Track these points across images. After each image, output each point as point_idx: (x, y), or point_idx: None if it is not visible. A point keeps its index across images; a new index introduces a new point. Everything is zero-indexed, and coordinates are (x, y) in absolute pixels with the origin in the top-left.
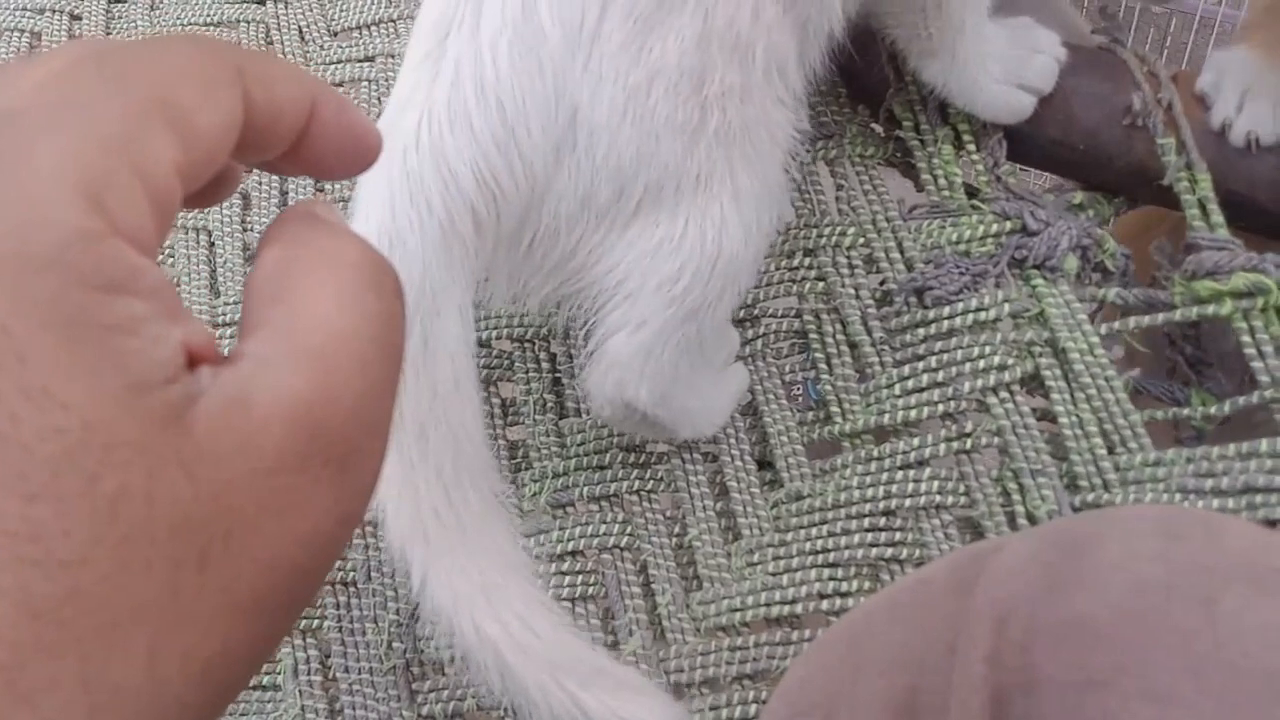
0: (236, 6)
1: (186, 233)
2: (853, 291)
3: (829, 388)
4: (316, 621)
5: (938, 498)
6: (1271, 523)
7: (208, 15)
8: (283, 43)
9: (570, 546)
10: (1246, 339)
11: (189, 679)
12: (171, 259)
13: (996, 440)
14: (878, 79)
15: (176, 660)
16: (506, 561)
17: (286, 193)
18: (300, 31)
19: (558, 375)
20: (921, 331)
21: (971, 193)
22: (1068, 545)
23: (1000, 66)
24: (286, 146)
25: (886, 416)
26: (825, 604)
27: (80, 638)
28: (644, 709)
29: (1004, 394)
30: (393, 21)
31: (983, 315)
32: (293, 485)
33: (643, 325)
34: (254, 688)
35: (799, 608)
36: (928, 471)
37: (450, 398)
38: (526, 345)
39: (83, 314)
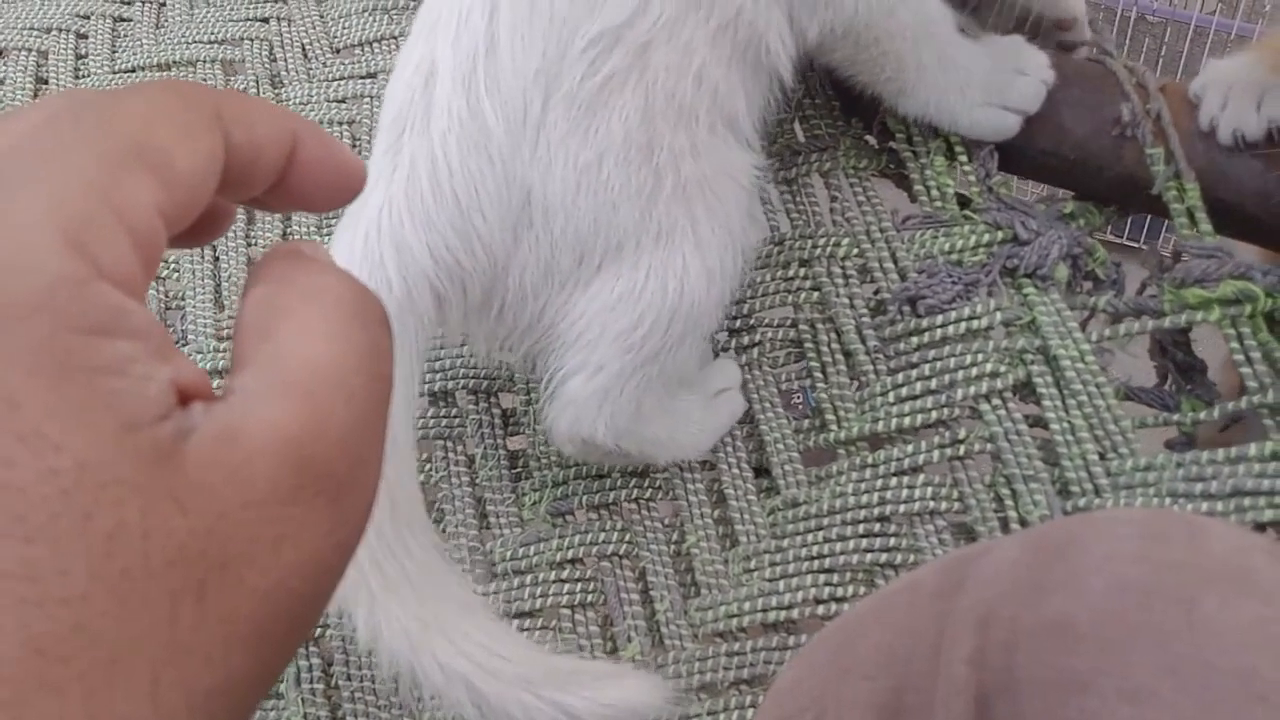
0: (240, 24)
1: (191, 248)
2: (847, 301)
3: (824, 396)
4: (319, 630)
5: (931, 503)
6: (1260, 526)
7: (212, 33)
8: (286, 60)
9: (570, 554)
10: (1235, 345)
11: (193, 709)
12: (176, 274)
13: (989, 446)
14: (871, 92)
15: (180, 691)
16: (459, 601)
17: None
18: (303, 49)
19: None
20: (915, 340)
21: (964, 203)
22: (1051, 548)
23: (981, 90)
24: (270, 183)
25: (881, 424)
26: (821, 609)
27: (83, 673)
28: (626, 689)
29: (996, 401)
30: (394, 38)
31: (975, 323)
32: (286, 516)
33: (600, 369)
34: None
35: (795, 613)
36: (922, 478)
37: (389, 459)
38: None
39: (71, 357)
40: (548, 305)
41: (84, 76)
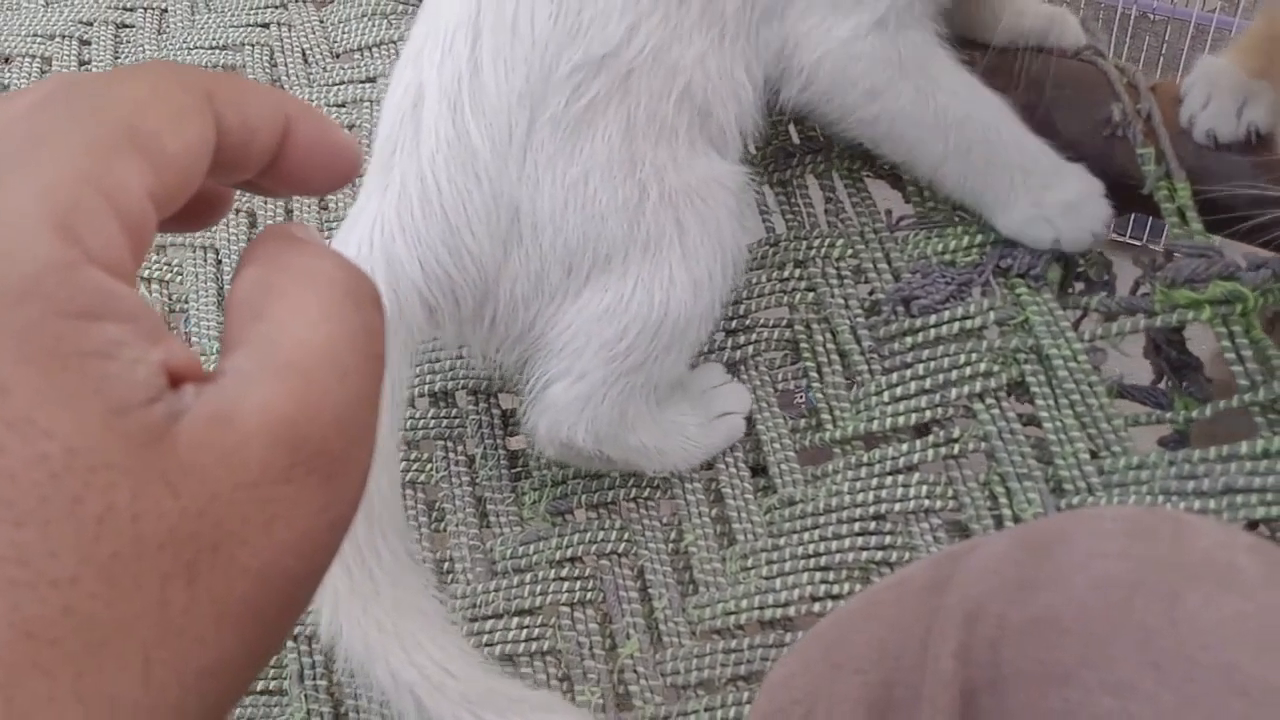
0: (241, 30)
1: (194, 251)
2: (842, 301)
3: (820, 395)
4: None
5: (926, 502)
6: (1253, 524)
7: (213, 39)
8: (286, 65)
9: (569, 553)
10: (1226, 344)
11: (186, 689)
12: (180, 276)
13: (983, 445)
14: None
15: (172, 671)
16: (420, 610)
17: (291, 211)
18: (303, 54)
19: None
20: (909, 340)
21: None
22: (1038, 545)
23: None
24: (263, 165)
25: (876, 423)
26: (817, 606)
27: (73, 655)
28: None
29: (990, 400)
30: (393, 43)
31: (968, 323)
32: (278, 496)
33: (583, 377)
34: (260, 692)
35: (792, 610)
36: (916, 476)
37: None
38: None
39: (60, 342)
40: (538, 316)
41: None
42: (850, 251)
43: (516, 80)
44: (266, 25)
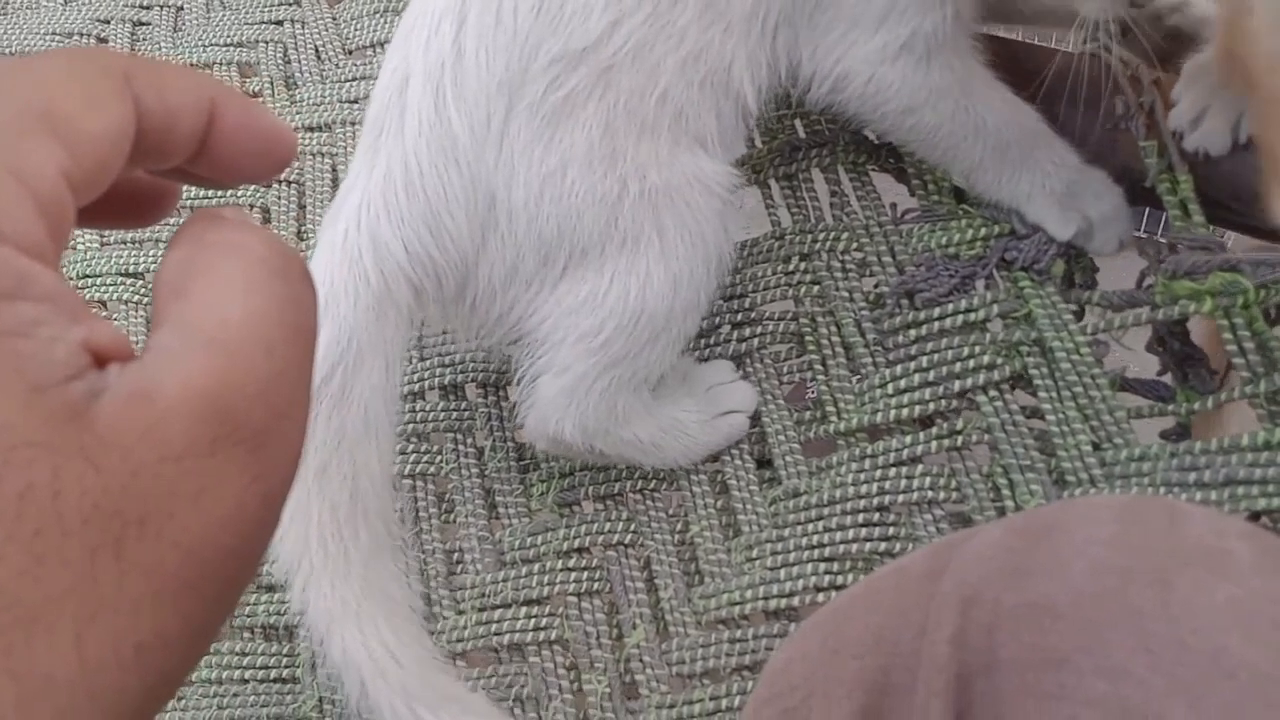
0: (255, 27)
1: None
2: (846, 294)
3: (824, 388)
4: None
5: (929, 493)
6: (1255, 515)
7: (228, 36)
8: (300, 61)
9: (576, 544)
10: (1228, 336)
11: (124, 665)
12: None
13: (986, 437)
14: None
15: (107, 647)
16: (385, 594)
17: (304, 206)
18: (316, 50)
19: None
20: (913, 332)
21: (961, 197)
22: (1034, 532)
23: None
24: (190, 151)
25: (880, 415)
26: (821, 597)
27: (2, 631)
28: None
29: (993, 392)
30: None
31: (972, 316)
32: (204, 469)
33: (565, 371)
34: (274, 680)
35: (796, 601)
36: (920, 468)
37: (358, 442)
38: None
39: None
40: (515, 302)
41: None
42: (855, 245)
43: (497, 68)
44: (280, 22)
